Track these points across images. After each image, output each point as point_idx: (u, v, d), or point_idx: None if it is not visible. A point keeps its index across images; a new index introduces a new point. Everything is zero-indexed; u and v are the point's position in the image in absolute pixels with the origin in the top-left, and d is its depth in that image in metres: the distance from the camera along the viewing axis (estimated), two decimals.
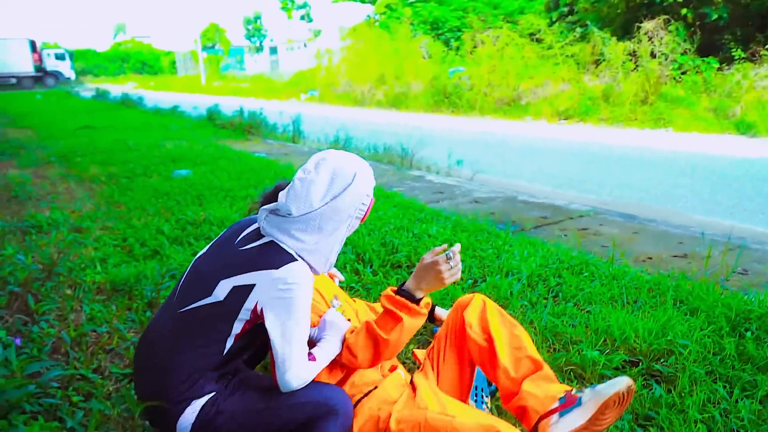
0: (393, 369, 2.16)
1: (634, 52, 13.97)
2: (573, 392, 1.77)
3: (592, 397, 1.69)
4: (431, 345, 2.19)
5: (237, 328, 1.71)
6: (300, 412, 1.73)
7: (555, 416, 1.72)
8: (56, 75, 40.10)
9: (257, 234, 1.78)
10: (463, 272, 3.51)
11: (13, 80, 37.33)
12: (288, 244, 1.71)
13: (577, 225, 4.79)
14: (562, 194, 6.33)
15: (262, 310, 1.68)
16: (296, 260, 1.69)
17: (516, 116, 15.04)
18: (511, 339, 1.94)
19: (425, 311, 1.84)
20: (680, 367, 2.39)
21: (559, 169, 8.17)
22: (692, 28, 14.20)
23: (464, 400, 2.07)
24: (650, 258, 3.96)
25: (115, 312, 3.07)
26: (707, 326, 2.71)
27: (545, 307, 3.03)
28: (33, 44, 38.35)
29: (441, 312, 2.66)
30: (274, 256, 1.70)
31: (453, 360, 2.09)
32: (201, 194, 5.68)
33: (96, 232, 4.59)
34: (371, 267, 3.66)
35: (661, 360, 2.49)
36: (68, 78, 41.19)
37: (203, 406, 1.70)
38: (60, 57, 41.41)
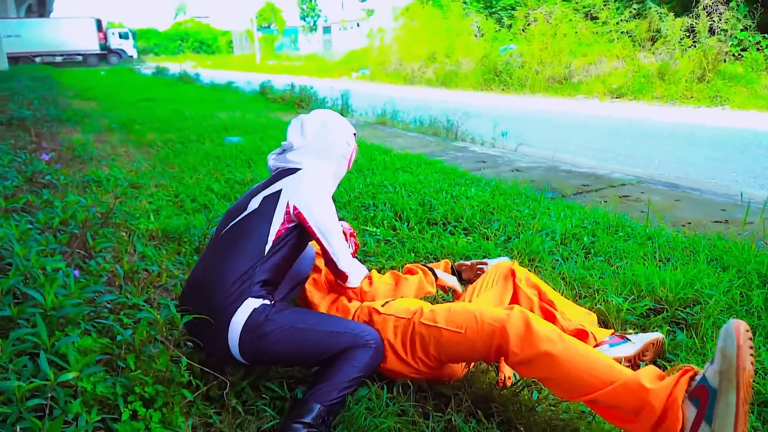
0: None
1: (692, 28, 13.49)
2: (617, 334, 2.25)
3: (638, 339, 2.18)
4: (465, 289, 2.43)
5: (274, 230, 1.95)
6: (339, 339, 1.89)
7: (606, 345, 2.16)
8: (119, 53, 41.50)
9: (271, 175, 2.17)
10: (497, 230, 3.60)
11: (79, 57, 38.84)
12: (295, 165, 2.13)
13: (618, 192, 4.78)
14: (606, 166, 6.26)
15: (295, 207, 1.98)
16: (315, 175, 2.11)
17: (567, 94, 14.79)
18: (553, 293, 2.40)
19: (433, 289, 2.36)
20: (704, 316, 2.42)
21: (607, 144, 8.05)
22: (754, 4, 13.60)
23: None
24: (689, 223, 3.93)
25: (166, 255, 3.28)
26: (737, 280, 2.72)
27: (575, 262, 3.08)
28: (99, 23, 39.77)
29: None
30: (290, 170, 2.11)
31: (491, 294, 2.33)
32: (250, 158, 5.90)
33: (151, 189, 4.86)
34: (408, 224, 3.77)
35: (687, 309, 2.52)
36: (131, 56, 42.56)
37: (255, 309, 1.87)
38: (123, 36, 42.81)
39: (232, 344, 1.87)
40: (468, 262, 2.78)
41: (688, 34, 13.74)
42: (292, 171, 2.09)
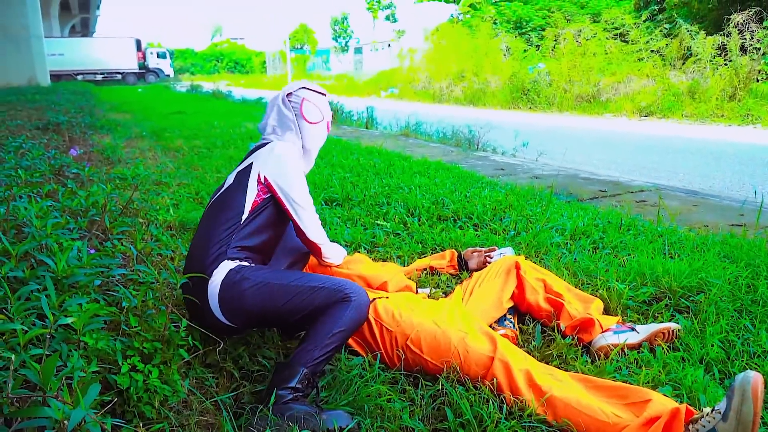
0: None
1: (724, 46, 13.35)
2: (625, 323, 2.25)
3: (644, 329, 2.17)
4: (468, 279, 2.50)
5: (250, 200, 2.05)
6: (315, 294, 1.89)
7: (610, 332, 2.16)
8: (157, 72, 42.64)
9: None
10: (507, 226, 3.61)
11: (118, 76, 40.02)
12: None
13: (635, 198, 4.74)
14: (627, 176, 6.22)
15: (265, 178, 2.08)
16: (282, 141, 2.21)
17: (595, 112, 14.70)
18: (560, 283, 2.41)
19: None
20: (707, 303, 2.40)
21: (632, 158, 7.99)
22: None
23: (492, 317, 2.31)
24: (706, 226, 3.88)
25: (181, 243, 3.38)
26: (745, 271, 2.68)
27: (581, 255, 3.08)
28: (138, 43, 41.01)
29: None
30: (261, 145, 2.23)
31: (492, 286, 2.38)
32: None
33: (173, 187, 4.99)
34: (419, 219, 3.81)
35: (690, 298, 2.50)
36: (167, 75, 43.69)
37: (231, 269, 1.94)
38: (161, 56, 44.00)
39: (213, 305, 1.93)
40: (477, 249, 2.82)
41: (719, 53, 13.60)
42: (263, 145, 2.21)
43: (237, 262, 1.98)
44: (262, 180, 2.07)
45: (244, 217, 2.03)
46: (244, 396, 1.92)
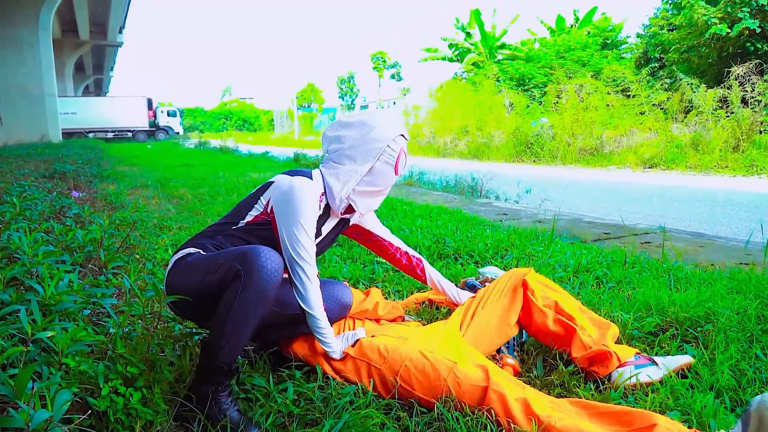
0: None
1: (725, 98, 13.51)
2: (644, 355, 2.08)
3: (665, 362, 2.02)
4: (471, 298, 2.32)
5: (252, 214, 1.97)
6: (217, 273, 1.74)
7: (631, 367, 2.00)
8: (167, 130, 43.45)
9: None
10: (509, 263, 3.55)
11: (129, 133, 40.79)
12: (319, 171, 2.02)
13: (640, 240, 4.68)
14: (632, 219, 6.16)
15: (272, 209, 1.92)
16: (311, 179, 1.95)
17: (599, 165, 14.78)
18: (572, 302, 2.25)
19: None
20: (715, 331, 2.31)
21: (637, 206, 7.95)
22: None
23: (495, 344, 2.17)
24: (713, 264, 3.80)
25: None
26: (753, 302, 2.60)
27: (585, 289, 3.00)
28: (150, 102, 41.99)
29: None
30: (297, 173, 1.99)
31: (496, 308, 2.20)
32: None
33: (174, 230, 4.97)
34: None
35: (698, 328, 2.41)
36: (177, 132, 44.51)
37: (189, 252, 1.92)
38: (171, 114, 44.94)
39: (166, 281, 1.92)
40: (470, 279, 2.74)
41: (721, 105, 13.76)
42: (298, 173, 1.98)
43: (198, 250, 1.92)
44: (269, 209, 1.93)
45: (241, 223, 1.97)
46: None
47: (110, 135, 39.97)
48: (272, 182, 1.98)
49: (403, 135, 2.01)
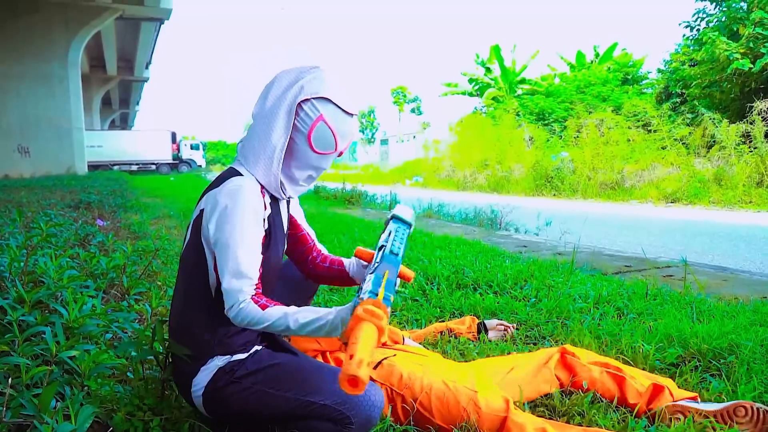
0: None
1: (748, 134, 13.42)
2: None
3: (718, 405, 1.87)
4: None
5: (211, 268, 1.61)
6: (309, 409, 1.57)
7: (687, 401, 1.91)
8: (189, 163, 44.17)
9: None
10: (528, 293, 3.54)
11: (153, 166, 41.53)
12: (239, 163, 1.68)
13: (662, 273, 4.63)
14: (653, 253, 6.10)
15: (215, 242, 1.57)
16: (241, 175, 1.62)
17: (620, 199, 14.69)
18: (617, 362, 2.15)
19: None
20: (738, 363, 2.27)
21: (659, 240, 7.87)
22: None
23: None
24: (736, 298, 3.74)
25: None
26: None
27: (605, 320, 2.98)
28: (174, 136, 42.83)
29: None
30: (220, 178, 1.65)
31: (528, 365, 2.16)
32: None
33: None
34: (438, 288, 3.75)
35: (721, 360, 2.37)
36: (200, 165, 45.21)
37: (220, 368, 1.65)
38: (195, 147, 45.72)
39: (197, 401, 1.69)
40: (504, 324, 2.77)
41: (743, 140, 13.66)
42: (223, 177, 1.66)
43: (227, 358, 1.66)
44: (213, 244, 1.57)
45: (214, 291, 1.62)
46: None
47: (134, 167, 40.72)
48: (201, 213, 1.63)
49: (328, 99, 1.58)
